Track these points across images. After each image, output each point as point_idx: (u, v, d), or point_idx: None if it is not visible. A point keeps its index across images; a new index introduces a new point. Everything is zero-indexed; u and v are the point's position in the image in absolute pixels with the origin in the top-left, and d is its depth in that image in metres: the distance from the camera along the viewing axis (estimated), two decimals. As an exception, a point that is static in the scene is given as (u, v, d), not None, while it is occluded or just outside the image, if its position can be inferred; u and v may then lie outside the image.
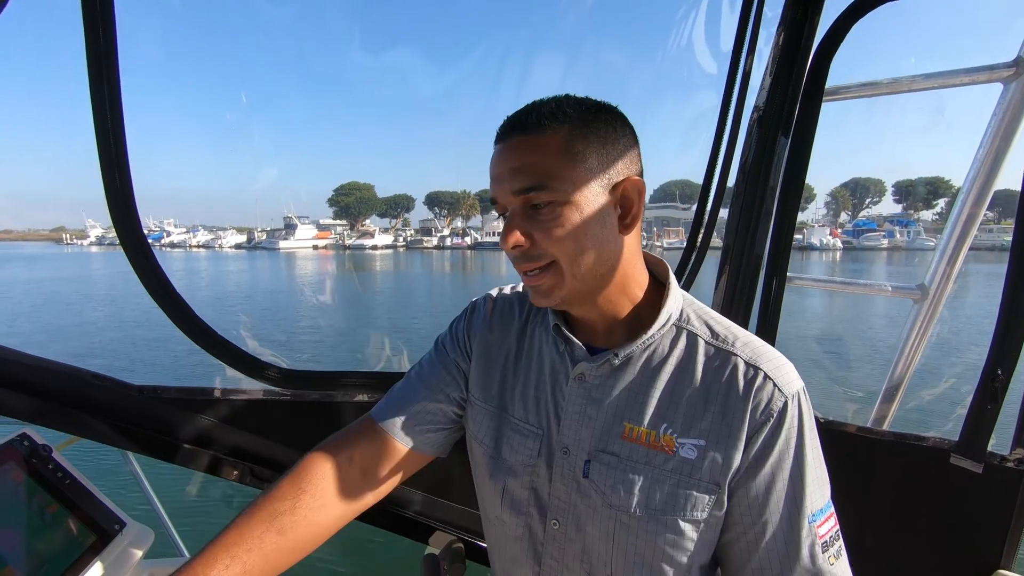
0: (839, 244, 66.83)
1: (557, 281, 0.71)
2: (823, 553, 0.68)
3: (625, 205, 0.71)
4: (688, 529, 0.70)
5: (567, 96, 0.71)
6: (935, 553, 1.24)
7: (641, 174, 0.73)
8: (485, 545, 1.39)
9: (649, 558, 0.71)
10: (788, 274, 1.37)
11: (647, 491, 0.70)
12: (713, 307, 1.47)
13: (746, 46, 1.38)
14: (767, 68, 1.36)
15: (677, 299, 0.77)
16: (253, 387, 1.30)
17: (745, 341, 0.73)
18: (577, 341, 0.77)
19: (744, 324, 1.41)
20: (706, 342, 0.73)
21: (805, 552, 0.67)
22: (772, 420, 0.67)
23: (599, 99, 0.73)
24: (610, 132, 0.70)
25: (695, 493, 0.69)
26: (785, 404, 0.68)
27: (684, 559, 0.71)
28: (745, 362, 0.70)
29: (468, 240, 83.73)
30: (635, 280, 0.77)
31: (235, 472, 1.32)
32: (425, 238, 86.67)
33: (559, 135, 0.67)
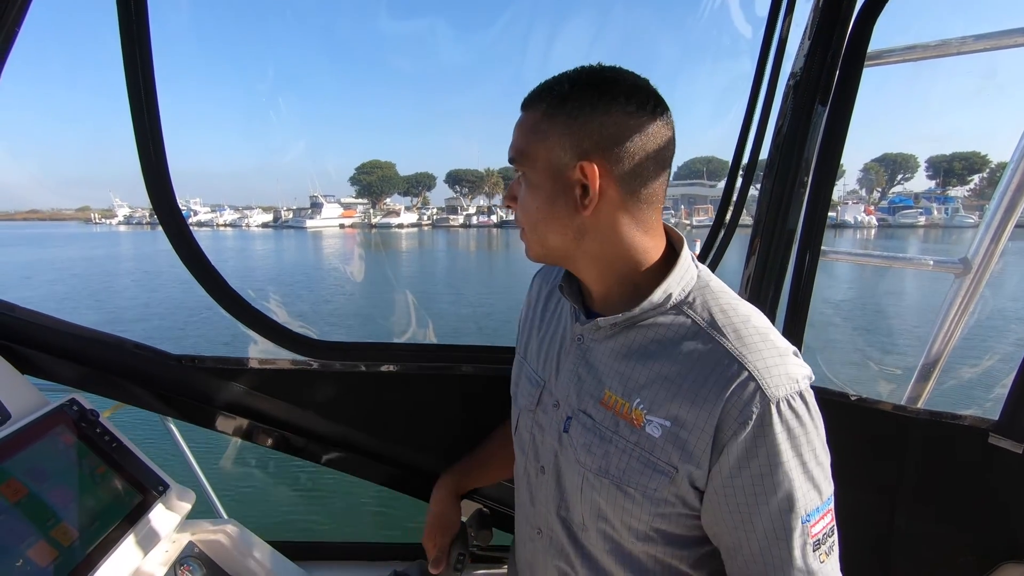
0: (874, 222, 64.51)
1: (527, 241, 0.79)
2: (814, 552, 0.67)
3: (584, 185, 0.71)
4: (643, 501, 0.72)
5: (581, 69, 0.72)
6: (970, 535, 1.21)
7: (641, 150, 0.70)
8: (511, 513, 1.43)
9: (610, 516, 0.76)
10: (822, 248, 1.33)
11: (610, 457, 0.74)
12: (742, 284, 1.45)
13: (783, 7, 1.32)
14: (805, 31, 1.30)
15: (684, 280, 0.75)
16: (284, 357, 1.34)
17: (742, 333, 0.69)
18: (573, 303, 0.83)
19: (775, 301, 1.38)
20: (700, 328, 0.71)
21: (797, 552, 0.66)
22: (752, 423, 0.64)
23: (620, 69, 0.71)
24: (586, 110, 0.69)
25: (651, 471, 0.71)
26: (767, 408, 0.64)
27: (641, 524, 0.74)
28: (731, 355, 0.67)
29: (494, 218, 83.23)
30: (630, 257, 0.76)
31: (269, 439, 1.37)
32: (451, 216, 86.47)
33: (536, 114, 0.72)
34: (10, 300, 1.23)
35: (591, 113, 0.69)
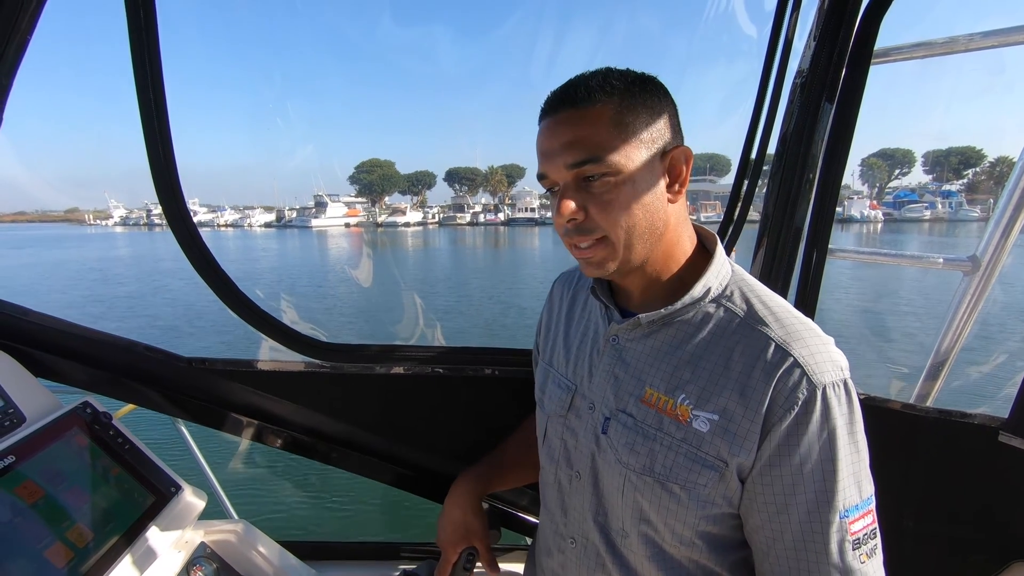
0: (880, 216, 64.21)
1: (608, 253, 0.72)
2: (854, 551, 0.65)
3: (673, 173, 0.72)
4: (690, 499, 0.70)
5: (609, 69, 0.71)
6: (980, 534, 1.21)
7: (683, 142, 0.75)
8: (520, 514, 1.43)
9: (653, 518, 0.74)
10: (829, 246, 1.33)
11: (655, 456, 0.72)
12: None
13: (790, 6, 1.31)
14: (812, 29, 1.29)
15: (722, 274, 0.76)
16: (294, 359, 1.35)
17: (784, 322, 0.69)
18: (609, 304, 0.81)
19: (783, 297, 1.37)
20: (741, 319, 0.71)
21: (834, 547, 0.65)
22: (797, 408, 0.64)
23: (638, 70, 0.73)
24: (655, 102, 0.70)
25: (700, 466, 0.69)
26: (814, 394, 0.64)
27: (686, 525, 0.72)
28: (776, 344, 0.67)
29: (501, 216, 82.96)
30: (680, 247, 0.77)
31: (279, 440, 1.38)
32: (458, 215, 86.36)
33: (609, 107, 0.68)
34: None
35: (659, 103, 0.71)
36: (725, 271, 0.77)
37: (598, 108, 0.68)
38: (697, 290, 0.74)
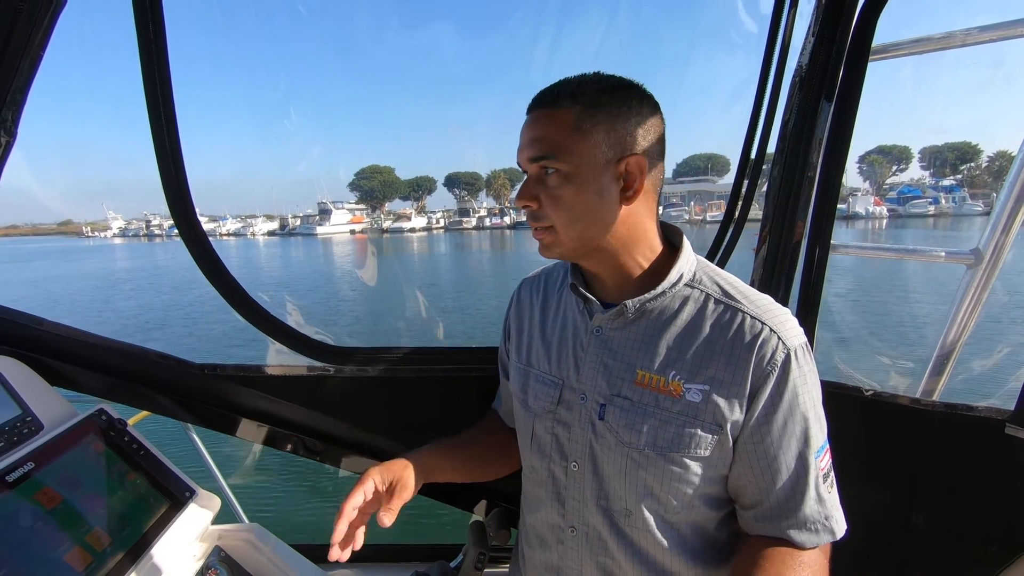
0: (884, 212, 63.99)
1: (554, 239, 0.81)
2: (824, 483, 0.78)
3: (628, 179, 0.78)
4: (692, 465, 0.78)
5: (595, 74, 0.78)
6: (989, 527, 1.21)
7: (658, 146, 0.80)
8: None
9: (657, 491, 0.80)
10: (832, 242, 1.33)
11: (656, 431, 0.78)
12: (752, 277, 1.45)
13: (787, 4, 1.33)
14: (810, 27, 1.30)
15: (690, 262, 0.84)
16: (301, 363, 1.37)
17: (752, 298, 0.79)
18: (592, 297, 0.86)
19: (786, 294, 1.38)
20: (715, 299, 0.80)
21: (811, 483, 0.76)
22: (777, 370, 0.74)
23: (627, 77, 0.79)
24: (622, 110, 0.76)
25: (699, 432, 0.76)
26: (788, 355, 0.74)
27: (689, 491, 0.79)
28: (751, 316, 0.77)
29: (507, 220, 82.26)
30: (645, 244, 0.84)
31: (288, 444, 1.39)
32: (464, 219, 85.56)
33: (572, 112, 0.75)
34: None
35: (627, 112, 0.76)
36: (692, 260, 0.85)
37: (561, 112, 0.75)
38: (672, 276, 0.81)
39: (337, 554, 0.82)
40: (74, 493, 0.98)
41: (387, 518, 0.83)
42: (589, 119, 0.75)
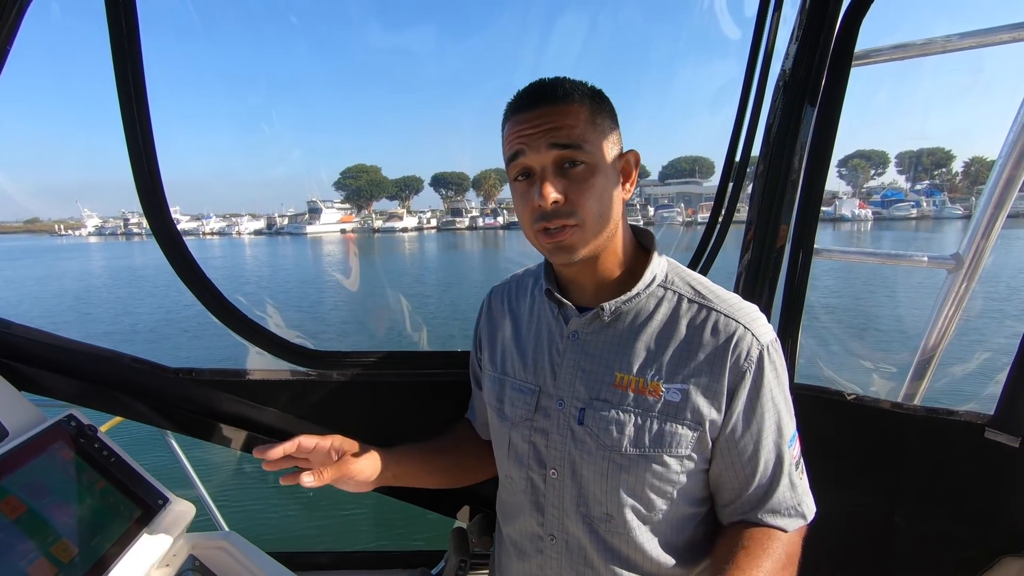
0: (870, 215, 65.17)
1: (580, 238, 0.77)
2: (796, 470, 0.82)
3: (626, 173, 0.82)
4: (673, 463, 0.79)
5: (572, 80, 0.80)
6: (969, 530, 1.22)
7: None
8: None
9: (639, 492, 0.80)
10: (815, 246, 1.34)
11: (637, 431, 0.79)
12: (736, 281, 1.45)
13: (771, 9, 1.33)
14: (793, 32, 1.31)
15: (661, 263, 0.86)
16: (282, 368, 1.34)
17: (723, 298, 0.82)
18: (567, 302, 0.86)
19: (770, 298, 1.38)
20: (688, 299, 0.82)
21: (786, 472, 0.80)
22: (753, 367, 0.76)
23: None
24: (610, 109, 0.81)
25: (680, 430, 0.77)
26: (762, 352, 0.77)
27: (670, 489, 0.80)
28: (724, 315, 0.79)
29: (500, 220, 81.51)
30: (625, 242, 0.85)
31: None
32: (456, 219, 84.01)
33: (585, 106, 0.76)
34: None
35: (613, 112, 0.81)
36: (664, 261, 0.87)
37: (576, 106, 0.76)
38: (646, 277, 0.83)
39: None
40: (40, 502, 0.94)
41: (308, 478, 0.82)
42: (599, 114, 0.77)
